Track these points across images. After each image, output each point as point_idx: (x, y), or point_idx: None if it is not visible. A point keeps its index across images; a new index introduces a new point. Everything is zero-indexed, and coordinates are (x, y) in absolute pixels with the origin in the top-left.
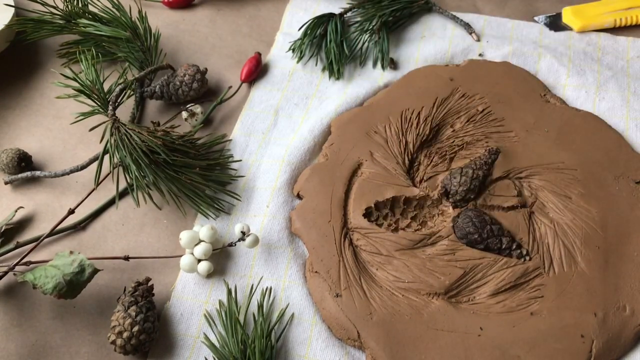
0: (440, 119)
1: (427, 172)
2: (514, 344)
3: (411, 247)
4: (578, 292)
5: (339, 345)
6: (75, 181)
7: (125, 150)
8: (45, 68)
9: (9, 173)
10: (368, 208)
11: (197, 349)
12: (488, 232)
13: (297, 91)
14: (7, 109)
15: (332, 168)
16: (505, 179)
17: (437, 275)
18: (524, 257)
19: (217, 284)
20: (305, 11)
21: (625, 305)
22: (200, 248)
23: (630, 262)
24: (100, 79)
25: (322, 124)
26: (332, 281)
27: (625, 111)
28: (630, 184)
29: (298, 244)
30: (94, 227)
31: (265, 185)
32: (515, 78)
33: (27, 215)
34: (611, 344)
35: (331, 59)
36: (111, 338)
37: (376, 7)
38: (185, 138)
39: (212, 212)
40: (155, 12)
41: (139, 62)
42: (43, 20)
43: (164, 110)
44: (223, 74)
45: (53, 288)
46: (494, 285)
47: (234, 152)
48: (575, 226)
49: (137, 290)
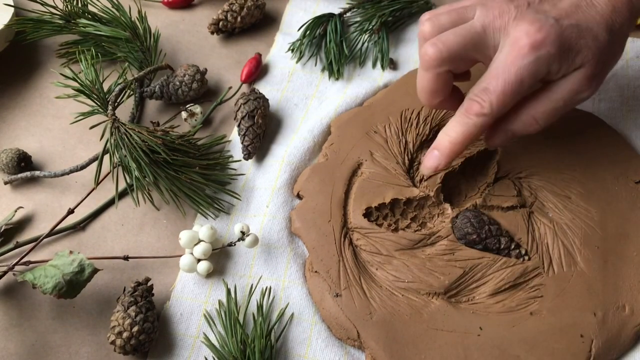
0: (440, 118)
1: None
2: (513, 343)
3: (411, 247)
4: (577, 291)
5: (338, 345)
6: (75, 181)
7: (125, 150)
8: (45, 68)
9: (8, 173)
10: (368, 208)
11: (197, 349)
12: (486, 232)
13: (296, 91)
14: (6, 109)
15: (332, 168)
16: (504, 179)
17: (436, 275)
18: (522, 256)
19: (217, 284)
20: (305, 11)
21: (625, 305)
22: (200, 248)
23: (630, 262)
24: (99, 79)
25: (321, 124)
26: (331, 281)
27: (625, 111)
28: (630, 184)
29: (298, 244)
30: (94, 227)
31: (265, 185)
32: None
33: (26, 215)
34: (611, 344)
35: (331, 59)
36: (111, 338)
37: (376, 7)
38: (185, 138)
39: (211, 212)
40: (155, 12)
41: (138, 62)
42: (42, 20)
43: (164, 110)
44: (223, 74)
45: (53, 288)
46: (494, 285)
47: (233, 153)
48: (575, 226)
49: (137, 290)
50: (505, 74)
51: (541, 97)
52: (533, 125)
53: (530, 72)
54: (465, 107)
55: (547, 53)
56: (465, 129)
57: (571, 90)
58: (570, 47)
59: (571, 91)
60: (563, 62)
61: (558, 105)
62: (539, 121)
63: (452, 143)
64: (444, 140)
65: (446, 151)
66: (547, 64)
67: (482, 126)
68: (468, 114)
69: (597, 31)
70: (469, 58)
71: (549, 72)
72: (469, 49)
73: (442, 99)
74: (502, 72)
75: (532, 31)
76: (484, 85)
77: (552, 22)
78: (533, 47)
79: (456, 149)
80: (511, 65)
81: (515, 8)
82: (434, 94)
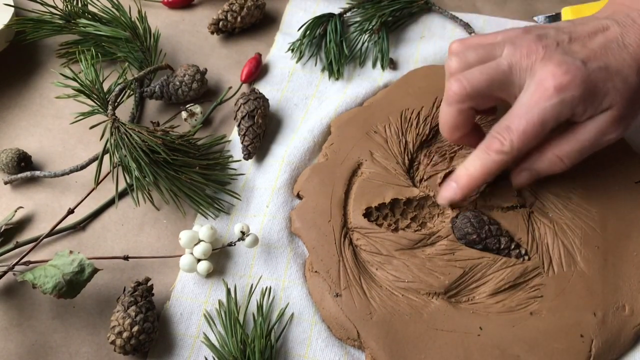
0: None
1: (427, 172)
2: (513, 343)
3: (411, 247)
4: (577, 291)
5: (338, 345)
6: (75, 181)
7: (125, 150)
8: (45, 68)
9: (8, 173)
10: (368, 208)
11: (197, 349)
12: (486, 232)
13: (296, 91)
14: (6, 109)
15: (332, 168)
16: (504, 179)
17: (436, 275)
18: (522, 256)
19: (217, 284)
20: (305, 11)
21: (625, 305)
22: (200, 248)
23: (630, 262)
24: (99, 79)
25: (321, 124)
26: (332, 281)
27: None
28: (630, 184)
29: (298, 244)
30: (94, 227)
31: (265, 185)
32: None
33: (26, 215)
34: (611, 344)
35: (331, 59)
36: (111, 338)
37: (376, 7)
38: (185, 138)
39: (211, 212)
40: (155, 12)
41: (138, 62)
42: (42, 20)
43: (164, 110)
44: (223, 74)
45: (53, 288)
46: (493, 285)
47: (233, 153)
48: (575, 226)
49: (137, 290)
50: (529, 114)
51: (568, 137)
52: (558, 165)
53: (553, 114)
54: (486, 144)
55: (571, 96)
56: (484, 164)
57: (598, 131)
58: (597, 90)
59: (598, 132)
60: (588, 105)
61: (584, 146)
62: (564, 160)
63: (470, 177)
64: (463, 175)
65: (463, 185)
66: (572, 107)
67: (501, 163)
68: (488, 151)
69: (627, 73)
70: (494, 96)
71: (574, 114)
72: (494, 88)
73: (463, 134)
74: (525, 112)
75: (558, 73)
76: (506, 123)
77: (579, 65)
78: (558, 90)
79: (473, 184)
80: (535, 106)
81: (543, 48)
82: (455, 129)
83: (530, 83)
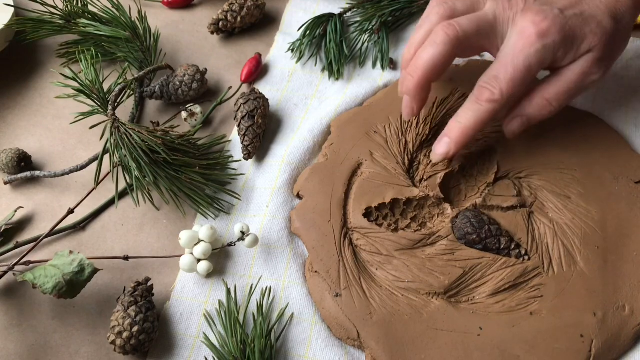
0: (440, 118)
1: (427, 172)
2: (513, 343)
3: (411, 247)
4: (577, 291)
5: (338, 345)
6: (75, 181)
7: (125, 150)
8: (45, 68)
9: (8, 173)
10: (368, 208)
11: (197, 349)
12: (486, 232)
13: (296, 91)
14: (6, 109)
15: (332, 168)
16: (504, 179)
17: (436, 275)
18: (522, 256)
19: (217, 284)
20: (305, 11)
21: (625, 305)
22: (200, 248)
23: (630, 262)
24: (99, 79)
25: (321, 124)
26: (331, 281)
27: (625, 111)
28: (630, 184)
29: (298, 244)
30: (94, 227)
31: (265, 185)
32: None
33: (26, 215)
34: (611, 344)
35: (331, 59)
36: (111, 338)
37: (376, 7)
38: (185, 138)
39: (211, 212)
40: (155, 12)
41: (138, 62)
42: (42, 20)
43: (164, 110)
44: (223, 74)
45: (53, 288)
46: (493, 285)
47: (233, 153)
48: (575, 226)
49: (137, 290)
50: (514, 61)
51: (554, 81)
52: (547, 108)
53: (537, 59)
54: (476, 94)
55: (552, 41)
56: (477, 115)
57: (581, 73)
58: (575, 34)
59: (581, 74)
60: (569, 49)
61: (570, 87)
62: (552, 103)
63: (463, 129)
64: (455, 127)
65: (457, 137)
66: (553, 51)
67: (493, 112)
68: (479, 101)
69: (601, 18)
70: (477, 45)
71: (556, 59)
72: (481, 36)
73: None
74: (510, 60)
75: (538, 21)
76: (493, 73)
77: (556, 12)
78: (539, 36)
79: (467, 136)
80: (520, 54)
81: (522, 1)
82: (433, 71)
83: (512, 32)
